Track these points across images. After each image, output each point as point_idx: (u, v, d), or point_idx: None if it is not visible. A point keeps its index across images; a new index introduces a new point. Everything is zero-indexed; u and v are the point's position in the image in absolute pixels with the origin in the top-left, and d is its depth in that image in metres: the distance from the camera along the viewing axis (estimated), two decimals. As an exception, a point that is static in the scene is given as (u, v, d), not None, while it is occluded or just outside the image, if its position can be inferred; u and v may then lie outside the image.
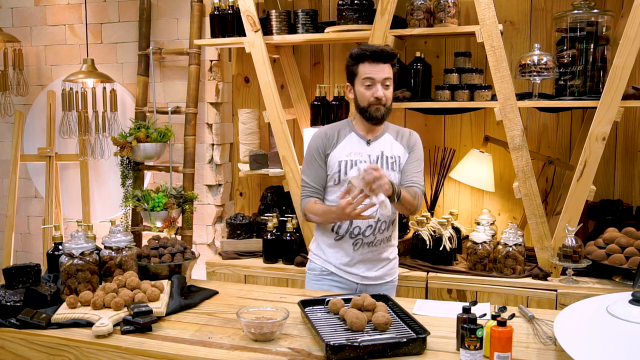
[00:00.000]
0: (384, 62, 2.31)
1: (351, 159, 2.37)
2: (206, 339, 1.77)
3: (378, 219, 2.37)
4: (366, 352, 1.58)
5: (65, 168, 3.98)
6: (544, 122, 3.24)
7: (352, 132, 2.43)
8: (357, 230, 2.37)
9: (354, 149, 2.40)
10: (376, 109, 2.33)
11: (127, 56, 3.77)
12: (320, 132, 2.46)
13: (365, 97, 2.32)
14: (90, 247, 2.12)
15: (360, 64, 2.32)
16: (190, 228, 3.55)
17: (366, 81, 2.30)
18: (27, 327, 1.87)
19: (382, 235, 2.41)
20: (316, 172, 2.42)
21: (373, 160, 2.40)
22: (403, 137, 2.46)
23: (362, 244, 2.39)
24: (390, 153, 2.42)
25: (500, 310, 1.68)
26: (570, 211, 2.73)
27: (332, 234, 2.42)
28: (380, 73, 2.30)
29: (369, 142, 2.41)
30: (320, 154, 2.41)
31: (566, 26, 2.84)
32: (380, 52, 2.29)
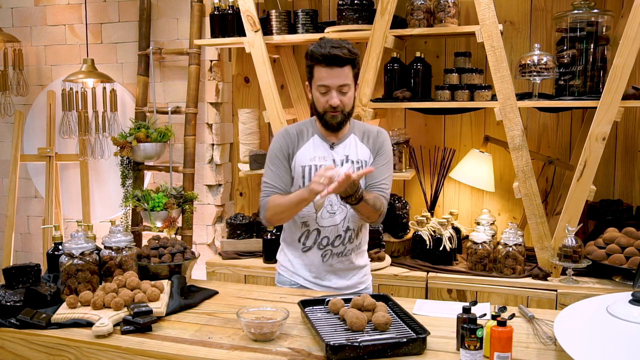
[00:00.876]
0: (341, 66, 2.08)
1: (315, 164, 2.20)
2: (206, 339, 1.77)
3: (348, 227, 2.22)
4: (366, 352, 1.58)
5: (65, 168, 3.98)
6: (544, 122, 3.24)
7: (316, 134, 2.25)
8: (326, 241, 2.23)
9: (317, 152, 2.22)
10: (332, 116, 2.14)
11: (127, 56, 3.77)
12: (283, 132, 2.27)
13: (320, 104, 2.14)
14: (90, 247, 2.12)
15: (316, 66, 2.11)
16: (190, 228, 3.55)
17: (321, 88, 2.11)
18: (27, 327, 1.87)
19: (352, 245, 2.26)
20: (279, 173, 2.23)
21: (337, 165, 2.21)
22: (369, 138, 2.26)
23: (331, 254, 2.24)
24: (356, 157, 2.23)
25: (500, 310, 1.68)
26: (570, 211, 2.73)
27: (299, 245, 2.27)
28: (335, 79, 2.08)
29: (333, 145, 2.23)
30: (284, 153, 2.23)
31: (566, 26, 2.84)
32: (333, 56, 2.05)
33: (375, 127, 2.32)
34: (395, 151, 3.04)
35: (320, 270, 2.27)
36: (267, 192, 2.23)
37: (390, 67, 3.08)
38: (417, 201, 3.43)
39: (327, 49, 2.07)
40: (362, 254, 2.35)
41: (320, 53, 2.07)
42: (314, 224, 2.22)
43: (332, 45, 2.08)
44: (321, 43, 2.10)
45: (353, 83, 2.14)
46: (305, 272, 2.29)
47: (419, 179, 3.32)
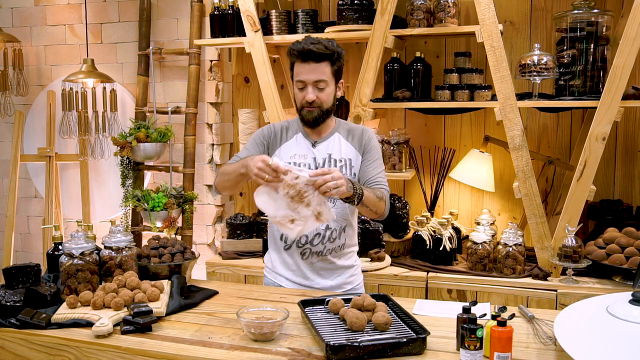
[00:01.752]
0: (317, 61, 2.09)
1: (294, 162, 2.18)
2: (206, 339, 1.77)
3: (327, 226, 2.17)
4: (366, 352, 1.58)
5: (65, 168, 3.98)
6: (544, 122, 3.24)
7: (300, 132, 2.24)
8: (304, 240, 2.19)
9: (298, 150, 2.21)
10: (308, 111, 2.14)
11: (127, 56, 3.77)
12: (269, 125, 2.29)
13: (298, 100, 2.16)
14: (90, 247, 2.12)
15: (296, 63, 2.14)
16: (190, 228, 3.55)
17: (298, 84, 2.14)
18: (27, 327, 1.87)
19: (332, 245, 2.21)
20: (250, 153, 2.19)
21: (319, 164, 2.19)
22: (354, 136, 2.24)
23: (310, 253, 2.21)
24: (339, 155, 2.20)
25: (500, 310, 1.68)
26: (570, 211, 2.73)
27: (281, 243, 2.25)
28: (311, 74, 2.09)
29: (315, 143, 2.22)
30: (263, 141, 2.23)
31: (566, 26, 2.84)
32: (308, 52, 2.07)
33: (360, 126, 2.31)
34: (395, 151, 3.04)
35: (301, 269, 2.24)
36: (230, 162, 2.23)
37: (390, 67, 3.08)
38: (417, 201, 3.43)
39: (303, 45, 2.09)
40: (348, 255, 2.29)
41: (297, 49, 2.10)
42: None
43: (311, 42, 2.10)
44: (301, 40, 2.12)
45: (332, 80, 2.13)
46: (286, 272, 2.27)
47: (419, 179, 3.32)
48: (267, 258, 2.37)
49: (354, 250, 2.34)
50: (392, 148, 3.04)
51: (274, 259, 2.31)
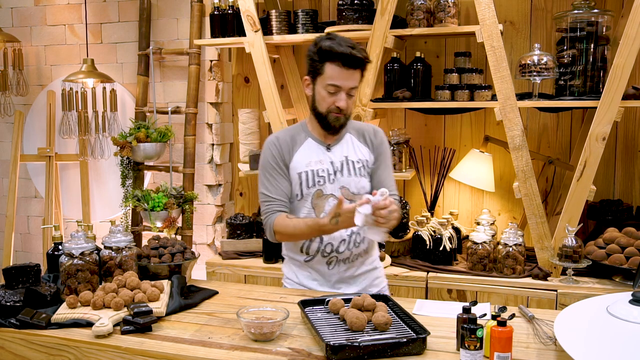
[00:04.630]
0: (355, 68, 2.00)
1: (312, 169, 2.10)
2: (206, 339, 1.77)
3: (352, 231, 2.10)
4: (366, 352, 1.58)
5: (65, 168, 3.98)
6: (544, 122, 3.24)
7: (309, 137, 2.14)
8: (330, 248, 2.11)
9: (313, 156, 2.11)
10: (335, 118, 2.05)
11: (127, 56, 3.77)
12: (273, 139, 2.16)
13: (326, 103, 2.03)
14: (90, 247, 2.12)
15: (328, 63, 1.99)
16: (190, 228, 3.55)
17: (330, 88, 2.00)
18: (27, 327, 1.87)
19: (358, 249, 2.14)
20: (278, 183, 2.11)
21: (337, 168, 2.11)
22: (367, 136, 2.18)
23: (337, 261, 2.13)
24: (356, 157, 2.14)
25: (500, 310, 1.68)
26: (570, 211, 2.73)
27: (302, 255, 2.16)
28: (348, 81, 2.00)
29: (329, 146, 2.13)
30: (279, 162, 2.11)
31: (566, 26, 2.84)
32: (352, 57, 1.97)
33: (370, 125, 2.25)
34: (395, 151, 3.04)
35: (326, 278, 2.17)
36: (271, 207, 2.11)
37: (390, 67, 3.08)
38: (417, 201, 3.43)
39: (345, 48, 1.96)
40: (372, 258, 2.24)
41: (340, 51, 1.96)
42: None
43: (348, 44, 1.98)
44: (333, 42, 1.99)
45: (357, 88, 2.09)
46: (310, 283, 2.19)
47: (419, 179, 3.32)
48: (287, 269, 2.27)
49: (377, 254, 2.29)
50: (392, 148, 3.04)
51: (295, 270, 2.22)
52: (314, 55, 2.03)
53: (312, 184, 2.11)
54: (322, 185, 2.10)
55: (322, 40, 2.01)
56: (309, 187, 2.10)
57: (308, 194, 2.11)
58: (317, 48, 2.01)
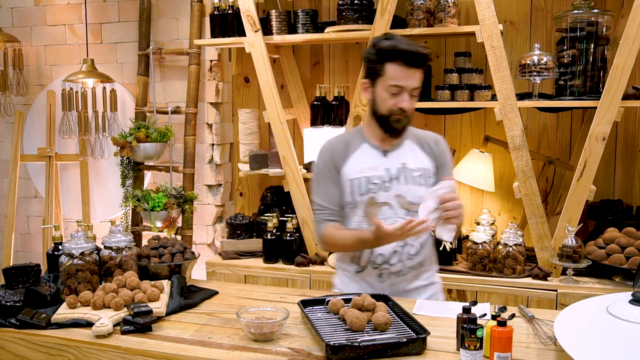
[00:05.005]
0: (417, 67, 1.92)
1: (365, 175, 2.01)
2: (206, 339, 1.77)
3: (405, 243, 2.01)
4: (366, 352, 1.58)
5: (65, 168, 3.98)
6: (544, 122, 3.24)
7: (365, 142, 2.06)
8: (381, 259, 2.02)
9: (367, 162, 2.03)
10: (398, 119, 1.96)
11: (127, 56, 3.77)
12: (327, 146, 2.09)
13: (388, 105, 1.95)
14: (90, 247, 2.12)
15: (389, 63, 1.92)
16: (190, 228, 3.55)
17: (393, 88, 1.92)
18: (27, 327, 1.87)
19: (412, 262, 2.05)
20: (330, 191, 2.04)
21: (393, 175, 2.01)
22: (428, 144, 2.09)
23: (388, 274, 2.04)
24: (415, 165, 2.03)
25: (500, 310, 1.68)
26: (570, 211, 2.73)
27: (353, 265, 2.08)
28: (411, 80, 1.92)
29: (386, 152, 2.04)
30: (331, 168, 2.04)
31: (566, 26, 2.84)
32: (416, 55, 1.89)
33: (431, 133, 2.16)
34: (395, 151, 3.04)
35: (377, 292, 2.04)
36: (321, 215, 2.05)
37: (390, 67, 3.08)
38: (417, 201, 3.43)
39: (408, 46, 1.89)
40: (429, 273, 2.14)
41: (402, 49, 1.89)
42: None
43: (408, 42, 1.92)
44: (394, 40, 1.92)
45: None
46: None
47: (419, 179, 3.31)
48: (338, 280, 2.19)
49: (434, 268, 2.18)
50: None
51: (345, 281, 2.13)
52: (372, 57, 1.96)
53: (364, 191, 2.02)
54: (375, 192, 2.01)
55: (380, 41, 1.94)
56: (361, 195, 2.01)
57: (360, 202, 2.02)
58: (376, 49, 1.95)
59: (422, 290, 2.12)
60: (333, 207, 2.05)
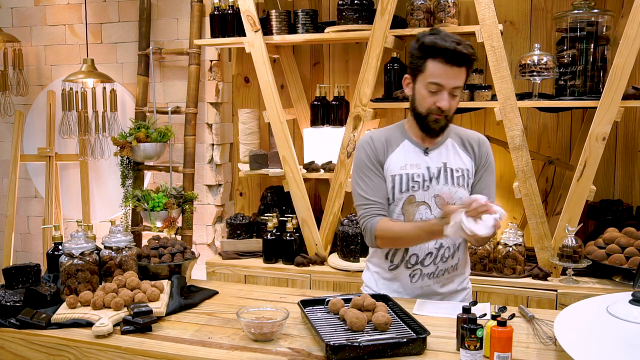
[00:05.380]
0: (459, 65, 1.86)
1: (407, 172, 1.96)
2: (206, 339, 1.77)
3: (440, 245, 1.98)
4: (366, 352, 1.58)
5: (65, 168, 3.98)
6: (544, 122, 3.24)
7: (406, 138, 2.00)
8: (414, 259, 1.99)
9: (409, 159, 1.98)
10: (435, 120, 1.91)
11: (127, 56, 3.77)
12: (367, 139, 2.02)
13: (426, 103, 1.90)
14: (90, 247, 2.12)
15: (430, 60, 1.86)
16: (190, 228, 3.55)
17: (432, 86, 1.87)
18: (27, 327, 1.87)
19: (445, 265, 2.01)
20: (375, 184, 1.97)
21: (433, 174, 1.97)
22: (471, 145, 2.03)
23: (420, 275, 2.01)
24: (455, 165, 1.99)
25: (500, 310, 1.68)
26: (570, 211, 2.73)
27: (386, 262, 2.04)
28: (451, 80, 1.86)
29: (427, 150, 1.99)
30: (374, 162, 1.98)
31: (566, 26, 2.84)
32: (458, 54, 1.84)
33: (475, 133, 2.09)
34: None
35: (408, 293, 2.04)
36: (370, 210, 1.96)
37: (390, 67, 3.08)
38: (417, 201, 3.43)
39: (450, 43, 1.83)
40: (462, 277, 2.10)
41: (444, 46, 1.83)
42: None
43: (453, 39, 1.85)
44: (438, 37, 1.86)
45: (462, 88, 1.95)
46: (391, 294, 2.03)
47: (419, 179, 3.31)
48: (368, 277, 2.15)
49: (467, 272, 2.14)
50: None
51: (376, 279, 2.10)
52: (415, 52, 1.90)
53: (405, 189, 1.97)
54: (415, 191, 1.97)
55: (424, 36, 1.88)
56: (401, 192, 1.97)
57: (400, 199, 1.97)
58: (418, 44, 1.89)
59: (454, 296, 2.08)
60: (381, 201, 1.97)
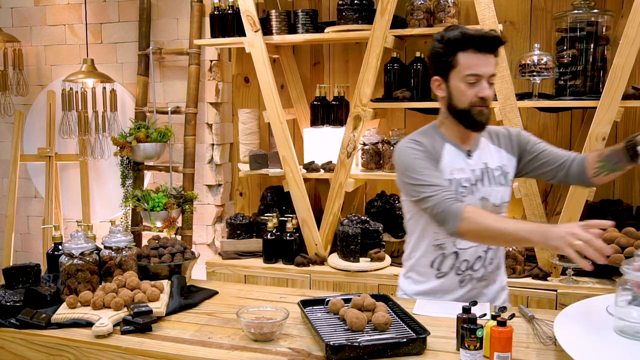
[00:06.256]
0: (491, 52, 1.82)
1: (455, 177, 1.90)
2: (206, 339, 1.77)
3: (488, 248, 1.94)
4: (366, 352, 1.58)
5: (65, 168, 3.98)
6: (544, 122, 3.24)
7: (447, 142, 1.93)
8: (465, 265, 1.94)
9: (454, 164, 1.91)
10: (479, 111, 1.83)
11: (127, 56, 3.77)
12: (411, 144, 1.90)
13: (467, 97, 1.83)
14: (90, 247, 2.12)
15: (461, 52, 1.81)
16: (190, 228, 3.55)
17: (470, 78, 1.81)
18: (27, 327, 1.87)
19: (491, 266, 1.98)
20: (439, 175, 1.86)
21: (477, 177, 1.91)
22: (499, 137, 1.98)
23: (470, 279, 1.97)
24: (494, 164, 1.94)
25: (500, 310, 1.68)
26: (570, 211, 2.72)
27: (432, 270, 1.98)
28: (488, 67, 1.81)
29: (470, 152, 1.93)
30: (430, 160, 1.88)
31: (566, 26, 2.84)
32: (491, 39, 1.79)
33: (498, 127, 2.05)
34: (395, 151, 3.04)
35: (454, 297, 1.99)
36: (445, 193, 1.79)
37: (390, 67, 3.08)
38: (417, 201, 3.43)
39: (479, 32, 1.80)
40: (500, 277, 2.05)
41: (472, 35, 1.79)
42: (451, 247, 1.94)
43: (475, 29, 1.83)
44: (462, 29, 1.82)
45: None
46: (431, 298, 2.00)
47: (419, 179, 3.31)
48: (407, 285, 2.08)
49: (505, 271, 2.11)
50: (392, 148, 3.04)
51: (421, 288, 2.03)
52: (440, 50, 1.85)
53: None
54: (464, 196, 1.90)
55: (446, 32, 1.84)
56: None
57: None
58: (443, 41, 1.84)
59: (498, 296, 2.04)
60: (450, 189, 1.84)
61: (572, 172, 1.93)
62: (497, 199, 1.94)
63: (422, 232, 1.98)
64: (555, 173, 1.95)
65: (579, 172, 1.91)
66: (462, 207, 1.75)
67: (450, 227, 1.77)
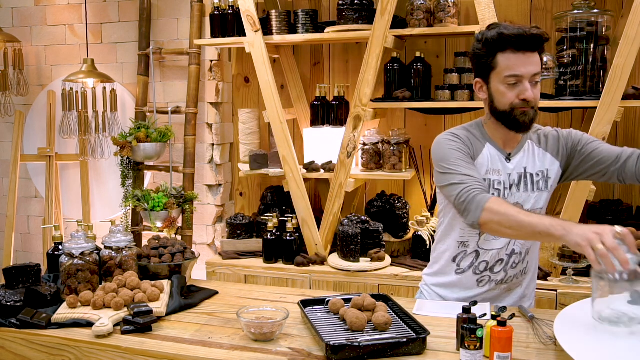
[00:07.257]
0: (533, 50, 1.74)
1: (489, 178, 1.86)
2: (206, 339, 1.77)
3: (513, 251, 1.90)
4: (366, 352, 1.58)
5: (65, 168, 3.98)
6: (544, 122, 3.24)
7: (488, 142, 1.88)
8: (484, 266, 1.92)
9: (491, 165, 1.86)
10: (523, 112, 1.77)
11: (127, 56, 3.77)
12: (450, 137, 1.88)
13: (508, 99, 1.77)
14: (90, 247, 2.12)
15: (500, 53, 1.75)
16: (190, 228, 3.56)
17: (510, 79, 1.75)
18: (27, 327, 1.87)
19: (514, 271, 1.92)
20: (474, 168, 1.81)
21: (514, 181, 1.87)
22: (547, 138, 1.90)
23: (489, 280, 1.94)
24: (534, 169, 1.88)
25: (500, 310, 1.68)
26: (570, 211, 2.72)
27: (453, 265, 1.97)
28: (529, 67, 1.74)
29: (509, 156, 1.88)
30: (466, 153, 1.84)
31: (566, 26, 2.84)
32: (531, 37, 1.71)
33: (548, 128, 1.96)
34: (395, 151, 3.04)
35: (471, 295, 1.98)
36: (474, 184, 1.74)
37: (390, 67, 3.08)
38: (417, 201, 3.43)
39: (515, 30, 1.72)
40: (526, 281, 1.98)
41: (510, 34, 1.72)
42: (473, 245, 1.92)
43: (515, 27, 1.75)
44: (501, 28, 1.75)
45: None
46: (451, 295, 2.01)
47: (419, 179, 3.32)
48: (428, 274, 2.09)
49: (535, 274, 2.02)
50: (392, 148, 3.04)
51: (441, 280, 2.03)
52: (480, 51, 1.81)
53: None
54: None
55: (485, 32, 1.80)
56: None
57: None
58: (482, 41, 1.80)
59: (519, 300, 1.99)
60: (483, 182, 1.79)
61: (628, 168, 1.83)
62: (532, 204, 1.89)
63: (449, 226, 1.96)
64: (608, 169, 1.85)
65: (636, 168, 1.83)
66: (486, 197, 1.70)
67: (471, 217, 1.72)
